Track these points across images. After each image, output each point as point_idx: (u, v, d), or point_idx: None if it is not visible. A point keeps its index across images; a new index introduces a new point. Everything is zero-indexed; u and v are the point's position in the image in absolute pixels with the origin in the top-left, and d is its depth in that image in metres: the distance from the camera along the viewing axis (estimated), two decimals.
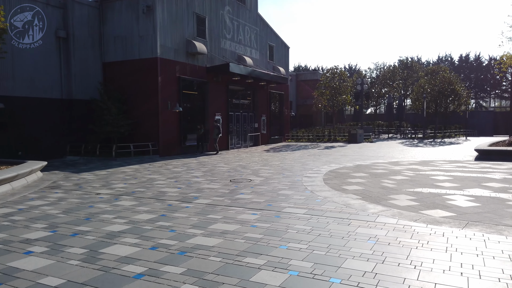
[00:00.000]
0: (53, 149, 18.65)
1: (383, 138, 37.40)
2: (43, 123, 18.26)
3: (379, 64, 56.64)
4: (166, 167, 14.96)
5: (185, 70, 21.12)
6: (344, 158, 18.40)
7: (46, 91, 18.35)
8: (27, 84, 17.56)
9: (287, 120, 33.91)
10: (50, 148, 18.50)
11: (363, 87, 32.68)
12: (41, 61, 18.13)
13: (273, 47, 30.75)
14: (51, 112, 18.60)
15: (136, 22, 19.68)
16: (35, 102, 17.91)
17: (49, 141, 18.49)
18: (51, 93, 18.58)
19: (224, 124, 24.51)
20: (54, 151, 18.69)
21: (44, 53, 18.24)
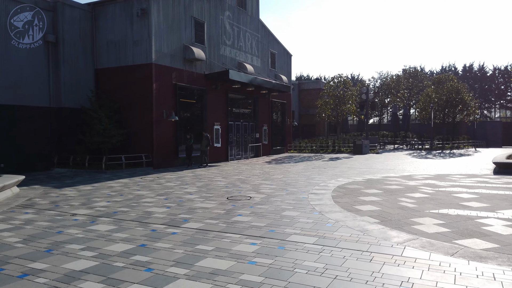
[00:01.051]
0: (39, 161, 17.42)
1: (389, 149, 36.09)
2: (29, 133, 17.06)
3: (382, 73, 55.50)
4: (158, 181, 13.68)
5: (182, 77, 19.96)
6: (351, 171, 17.10)
7: (33, 99, 17.18)
8: (12, 91, 16.40)
9: (290, 130, 32.68)
10: (36, 160, 17.27)
11: (369, 96, 31.49)
12: (28, 66, 16.99)
13: (275, 54, 29.66)
14: (38, 122, 17.41)
15: (130, 26, 18.58)
16: (20, 111, 16.73)
17: (36, 153, 17.27)
18: (38, 101, 17.41)
19: (223, 134, 23.28)
20: (40, 163, 17.46)
21: (31, 58, 17.12)
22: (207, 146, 19.31)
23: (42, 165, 17.52)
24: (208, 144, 19.27)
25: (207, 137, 19.38)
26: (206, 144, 19.25)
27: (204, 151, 19.37)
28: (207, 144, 19.26)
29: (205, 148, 19.30)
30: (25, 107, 16.88)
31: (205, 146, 19.29)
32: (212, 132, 22.21)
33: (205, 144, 19.29)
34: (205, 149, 19.33)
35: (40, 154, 17.43)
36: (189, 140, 19.34)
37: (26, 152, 16.85)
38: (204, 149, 19.34)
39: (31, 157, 17.05)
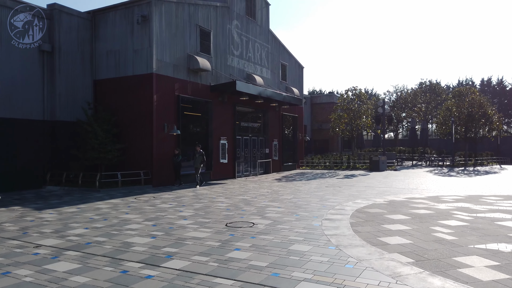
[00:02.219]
0: (31, 178, 16.17)
1: (407, 166, 34.13)
2: (20, 148, 15.86)
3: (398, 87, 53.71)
4: (152, 202, 12.21)
5: (186, 88, 18.68)
6: (370, 190, 15.39)
7: (24, 112, 16.04)
8: (2, 103, 15.28)
9: (302, 145, 31.07)
10: (27, 177, 16.02)
11: (385, 110, 29.79)
12: (21, 77, 15.91)
13: (286, 66, 28.32)
14: (30, 136, 16.23)
15: (130, 35, 17.46)
16: (11, 124, 15.57)
17: (26, 169, 16.03)
18: (30, 113, 16.26)
19: (230, 150, 21.82)
20: (32, 180, 16.20)
21: (24, 68, 16.05)
22: (202, 163, 17.09)
23: (34, 182, 16.25)
24: (202, 160, 17.06)
25: (201, 153, 17.14)
26: (201, 161, 17.04)
27: (197, 168, 17.11)
28: (201, 160, 17.03)
29: (199, 165, 17.08)
30: (16, 120, 15.73)
31: (199, 163, 17.06)
32: (218, 147, 20.78)
33: (199, 160, 17.04)
34: (199, 167, 17.12)
35: (31, 171, 16.19)
36: (177, 157, 17.04)
37: (15, 169, 15.62)
38: (198, 167, 17.09)
39: (21, 174, 15.80)
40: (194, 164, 17.22)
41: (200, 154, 17.09)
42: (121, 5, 17.68)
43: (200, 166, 17.10)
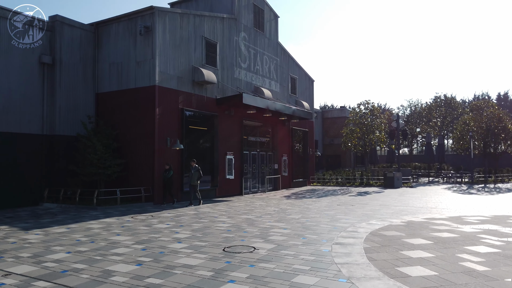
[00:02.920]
0: (28, 195, 15.51)
1: (423, 182, 32.71)
2: (17, 164, 15.26)
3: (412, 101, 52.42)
4: (149, 222, 11.34)
5: (190, 101, 17.99)
6: (385, 209, 14.28)
7: (22, 125, 15.48)
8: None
9: (312, 161, 30.02)
10: (24, 194, 15.37)
11: (399, 124, 28.67)
12: (19, 89, 15.42)
13: (296, 79, 27.56)
14: (28, 151, 15.64)
15: (133, 46, 16.93)
16: (7, 138, 15.01)
17: (24, 185, 15.39)
18: (29, 127, 15.70)
19: (237, 165, 20.93)
20: (29, 197, 15.54)
21: (23, 81, 15.57)
22: (199, 179, 15.72)
23: (30, 199, 15.58)
24: (199, 177, 15.66)
25: (197, 168, 15.67)
26: (197, 177, 15.64)
27: (194, 186, 15.73)
28: (198, 177, 15.62)
29: (196, 182, 15.70)
30: (13, 134, 15.17)
31: (196, 180, 15.66)
32: (224, 163, 19.92)
33: (195, 177, 15.63)
34: (196, 184, 15.74)
35: (29, 187, 15.54)
36: (167, 172, 15.58)
37: (12, 185, 14.98)
38: (194, 184, 15.71)
39: (17, 191, 15.16)
40: (190, 181, 15.84)
41: (196, 169, 15.65)
42: (124, 16, 17.22)
43: (197, 183, 15.74)
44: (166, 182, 15.66)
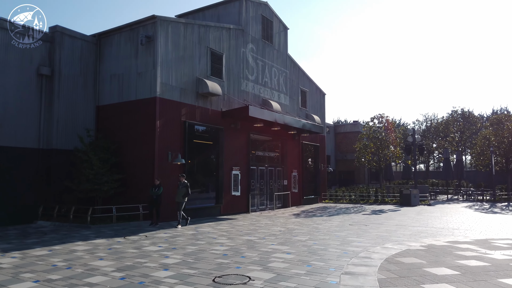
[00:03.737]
0: (22, 212, 14.74)
1: (441, 200, 31.08)
2: (12, 179, 14.55)
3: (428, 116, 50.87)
4: (140, 243, 10.36)
5: (194, 114, 17.18)
6: (402, 230, 13.04)
7: (18, 139, 14.84)
8: None
9: (324, 177, 28.78)
10: (18, 211, 14.61)
11: (415, 138, 27.35)
12: (14, 101, 14.83)
13: (306, 92, 26.63)
14: (24, 165, 14.95)
15: (134, 57, 16.29)
16: (2, 152, 14.35)
17: (18, 202, 14.64)
18: (24, 141, 15.04)
19: (244, 181, 19.91)
20: (23, 214, 14.77)
21: (20, 92, 15.01)
22: (185, 196, 14.06)
23: (25, 216, 14.80)
24: (186, 194, 13.99)
25: (185, 184, 14.05)
26: (184, 194, 13.98)
27: (180, 203, 14.02)
28: (185, 193, 13.97)
29: (182, 199, 14.02)
30: (8, 148, 14.52)
31: (182, 197, 13.99)
32: (229, 179, 18.93)
33: (182, 193, 13.97)
34: (181, 201, 14.04)
35: (23, 204, 14.78)
36: (156, 189, 13.98)
37: (5, 202, 14.25)
38: (179, 201, 14.03)
39: (11, 208, 14.42)
40: (176, 197, 14.16)
41: (183, 185, 14.06)
42: (126, 26, 16.65)
43: (184, 200, 14.09)
44: (155, 200, 14.06)
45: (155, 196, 14.00)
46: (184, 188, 14.03)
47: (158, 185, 14.10)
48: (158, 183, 14.15)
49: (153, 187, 14.10)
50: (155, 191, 14.01)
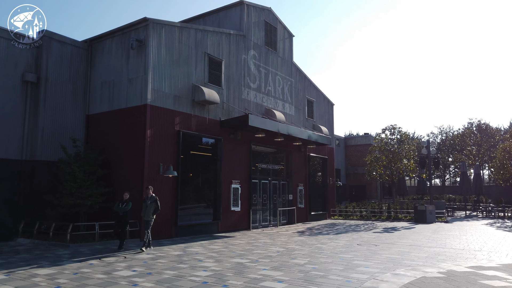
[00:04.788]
0: (1, 229, 13.62)
1: (459, 217, 29.12)
2: None
3: (444, 128, 48.92)
4: (114, 267, 9.08)
5: (189, 123, 16.04)
6: (417, 252, 11.50)
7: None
8: None
9: (333, 191, 27.22)
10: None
11: (430, 151, 25.71)
12: None
13: (313, 102, 25.35)
14: (5, 178, 13.93)
15: (126, 62, 15.30)
16: None
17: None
18: (5, 152, 14.06)
19: (245, 196, 18.57)
20: (2, 231, 13.64)
21: (1, 100, 14.07)
22: (155, 213, 11.79)
23: (5, 233, 13.68)
24: (156, 209, 11.75)
25: (155, 198, 11.84)
26: (154, 210, 11.72)
27: (148, 222, 11.74)
28: (155, 209, 11.73)
29: (151, 217, 11.73)
30: None
31: (152, 214, 11.71)
32: (228, 193, 17.62)
33: (151, 209, 11.69)
34: (150, 220, 11.74)
35: (3, 220, 13.69)
36: (124, 204, 11.80)
37: None
38: (149, 219, 11.72)
39: None
40: (145, 214, 11.75)
41: (152, 200, 11.77)
42: (118, 30, 15.73)
43: (152, 219, 11.79)
44: (121, 218, 11.78)
45: (121, 213, 11.72)
46: (153, 203, 11.77)
47: (127, 200, 11.88)
48: (128, 197, 11.96)
49: (119, 202, 11.90)
50: (122, 207, 11.73)
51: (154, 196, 11.93)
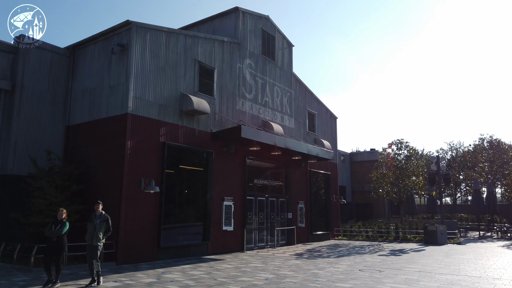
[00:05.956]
0: None
1: (473, 238, 27.25)
2: None
3: (454, 144, 47.12)
4: None
5: (177, 134, 14.80)
6: (427, 280, 9.95)
7: None
8: None
9: (336, 209, 25.60)
10: None
11: (440, 166, 24.11)
12: None
13: (314, 115, 24.06)
14: None
15: (107, 69, 14.22)
16: None
17: None
18: None
19: (238, 213, 17.14)
20: None
21: None
22: (105, 235, 9.35)
23: None
24: (107, 231, 9.36)
25: (106, 217, 9.38)
26: (104, 231, 9.28)
27: (94, 248, 9.09)
28: (105, 230, 9.32)
29: (100, 241, 9.19)
30: None
31: (102, 237, 9.23)
32: (220, 210, 16.22)
33: (100, 230, 9.19)
34: (98, 245, 9.14)
35: None
36: (59, 226, 9.01)
37: None
38: (95, 244, 9.10)
39: None
40: (91, 238, 9.17)
41: (103, 218, 9.35)
42: (101, 35, 14.71)
43: (101, 243, 9.27)
44: (55, 244, 8.92)
45: (55, 238, 8.88)
46: (103, 223, 9.28)
47: (61, 220, 9.05)
48: (64, 217, 9.13)
49: (52, 223, 9.07)
50: (56, 230, 8.91)
51: (105, 215, 9.48)
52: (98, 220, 9.35)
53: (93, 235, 9.16)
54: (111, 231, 9.53)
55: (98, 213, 9.46)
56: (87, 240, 9.30)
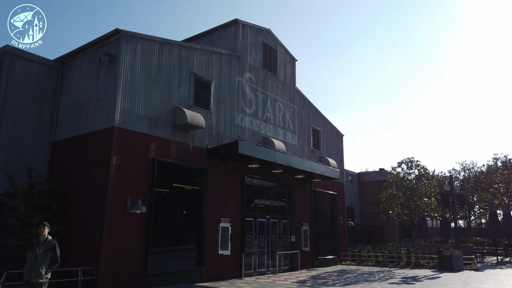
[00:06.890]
0: None
1: (490, 263, 25.44)
2: None
3: (466, 164, 45.47)
4: None
5: (168, 150, 13.79)
6: None
7: None
8: None
9: (344, 232, 24.12)
10: None
11: (454, 186, 22.69)
12: None
13: (319, 132, 22.96)
14: None
15: (96, 80, 13.39)
16: None
17: None
18: None
19: (236, 236, 15.88)
20: None
21: None
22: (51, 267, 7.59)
23: None
24: (53, 262, 7.61)
25: (53, 244, 7.66)
26: (50, 264, 7.55)
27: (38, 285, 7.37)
28: (51, 262, 7.58)
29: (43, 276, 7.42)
30: None
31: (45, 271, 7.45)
32: (216, 233, 14.99)
33: (44, 262, 7.46)
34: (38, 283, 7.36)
35: None
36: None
37: None
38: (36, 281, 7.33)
39: None
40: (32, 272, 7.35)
41: (48, 247, 7.57)
42: (90, 45, 13.94)
43: (47, 278, 7.52)
44: None
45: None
46: (48, 252, 7.48)
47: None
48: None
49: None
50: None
51: (51, 241, 7.61)
52: (41, 248, 7.41)
53: (33, 269, 7.24)
54: (59, 263, 7.71)
55: (43, 238, 7.60)
56: (24, 275, 7.32)
